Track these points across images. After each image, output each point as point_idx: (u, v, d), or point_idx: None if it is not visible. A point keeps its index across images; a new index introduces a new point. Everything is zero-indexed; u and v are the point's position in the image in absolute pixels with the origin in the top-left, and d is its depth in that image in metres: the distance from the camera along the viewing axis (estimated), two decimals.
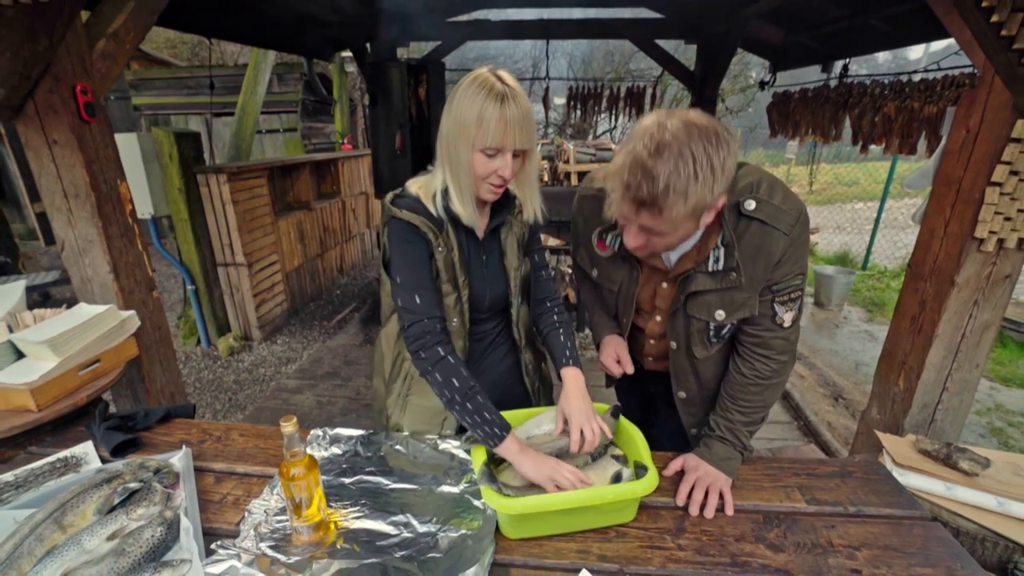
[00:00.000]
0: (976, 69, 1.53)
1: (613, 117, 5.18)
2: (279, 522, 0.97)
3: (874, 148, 3.20)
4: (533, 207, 1.15)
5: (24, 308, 1.57)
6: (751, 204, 0.98)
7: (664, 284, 1.15)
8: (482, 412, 1.01)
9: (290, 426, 0.87)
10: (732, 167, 0.88)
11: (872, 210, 6.69)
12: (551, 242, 4.47)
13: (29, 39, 1.41)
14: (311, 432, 1.22)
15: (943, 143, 1.65)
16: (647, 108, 4.92)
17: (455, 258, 1.08)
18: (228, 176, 3.69)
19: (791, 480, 1.13)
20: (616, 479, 1.01)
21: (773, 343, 1.08)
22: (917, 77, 2.85)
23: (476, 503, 1.00)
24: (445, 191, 1.05)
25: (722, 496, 1.05)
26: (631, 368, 1.25)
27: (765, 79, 4.53)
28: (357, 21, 4.29)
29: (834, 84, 3.62)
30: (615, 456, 1.09)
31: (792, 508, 1.05)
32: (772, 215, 0.98)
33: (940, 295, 1.62)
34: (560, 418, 1.09)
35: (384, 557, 0.89)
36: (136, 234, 1.87)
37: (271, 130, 7.51)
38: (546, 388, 1.41)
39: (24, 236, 5.92)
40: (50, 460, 1.12)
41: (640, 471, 1.00)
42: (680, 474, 1.11)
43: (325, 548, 0.91)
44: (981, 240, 1.49)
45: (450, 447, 1.16)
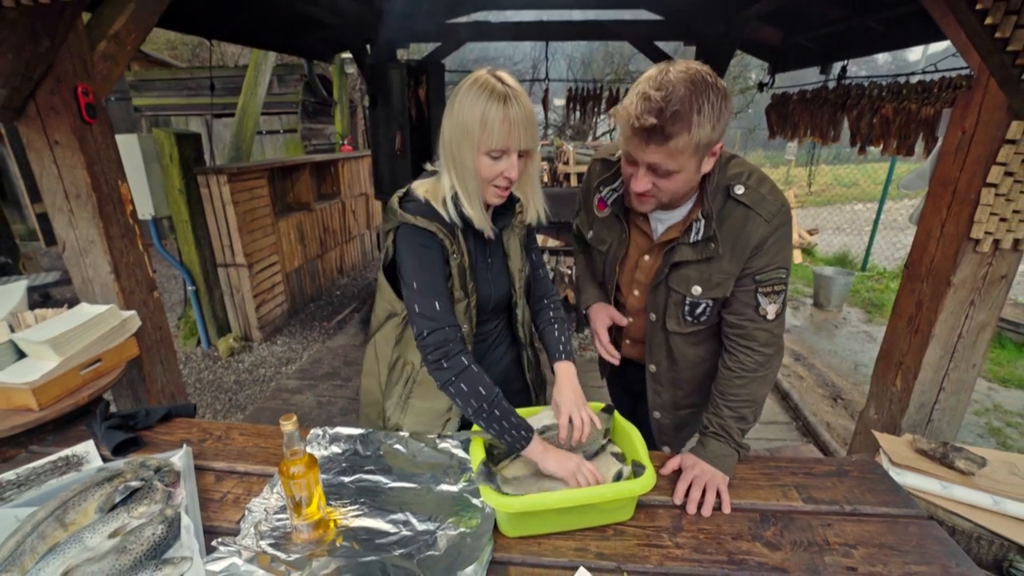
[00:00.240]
0: (972, 71, 1.54)
1: (612, 119, 5.19)
2: (279, 520, 0.97)
3: (873, 149, 3.21)
4: (537, 208, 1.16)
5: (25, 308, 1.57)
6: (740, 189, 1.06)
7: (647, 257, 1.23)
8: (508, 417, 1.01)
9: (290, 424, 0.87)
10: (727, 117, 0.96)
11: (872, 211, 6.69)
12: (550, 243, 4.48)
13: (31, 40, 1.42)
14: (311, 431, 1.22)
15: (939, 144, 1.66)
16: None
17: (466, 264, 1.08)
18: (228, 177, 3.70)
19: (788, 479, 1.14)
20: (618, 478, 1.02)
21: (756, 334, 1.12)
22: (915, 79, 2.87)
23: (475, 501, 1.01)
24: (455, 196, 1.04)
25: (719, 495, 1.06)
26: (617, 356, 1.32)
27: (764, 81, 4.55)
28: (357, 23, 4.30)
29: (832, 86, 3.63)
30: (614, 454, 1.10)
31: (789, 507, 1.06)
32: (756, 201, 1.05)
33: (937, 295, 1.63)
34: (555, 410, 1.11)
35: (383, 555, 0.89)
36: (137, 235, 1.88)
37: (271, 131, 7.52)
38: (543, 384, 1.43)
39: (25, 237, 5.94)
40: (52, 459, 1.13)
41: (638, 470, 1.01)
42: (678, 473, 1.12)
43: (325, 546, 0.91)
44: (977, 241, 1.50)
45: (449, 446, 1.17)
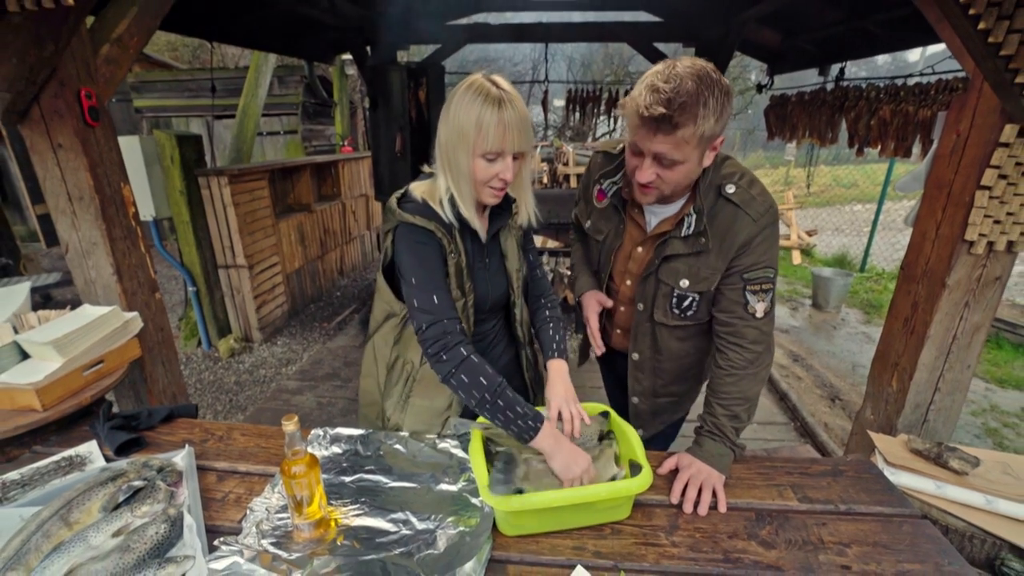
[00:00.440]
0: (968, 74, 1.55)
1: (612, 120, 5.20)
2: (280, 519, 0.98)
3: (872, 150, 3.22)
4: (528, 211, 1.18)
5: (29, 309, 1.58)
6: (731, 188, 1.11)
7: (640, 248, 1.27)
8: (514, 407, 1.01)
9: (291, 424, 0.89)
10: (729, 112, 0.99)
11: (871, 212, 6.71)
12: (550, 244, 4.49)
13: (35, 45, 1.43)
14: (312, 432, 1.23)
15: (934, 147, 1.67)
16: None
17: (463, 263, 1.10)
18: (229, 178, 3.71)
19: (784, 479, 1.15)
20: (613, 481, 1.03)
21: (745, 332, 1.15)
22: (912, 81, 2.88)
23: (474, 501, 1.02)
24: (451, 198, 1.06)
25: (715, 494, 1.07)
26: (603, 347, 1.38)
27: (763, 82, 4.56)
28: (358, 25, 4.32)
29: (831, 87, 3.65)
30: (616, 456, 1.11)
31: (784, 506, 1.07)
32: (746, 201, 1.10)
33: (932, 297, 1.64)
34: (546, 405, 1.14)
35: (383, 554, 0.90)
36: (139, 236, 1.89)
37: (272, 132, 7.54)
38: (542, 384, 1.43)
39: (26, 238, 5.95)
40: (55, 459, 1.14)
41: (635, 469, 1.02)
42: (674, 472, 1.14)
43: (325, 545, 0.92)
44: (971, 243, 1.52)
45: (449, 446, 1.18)
